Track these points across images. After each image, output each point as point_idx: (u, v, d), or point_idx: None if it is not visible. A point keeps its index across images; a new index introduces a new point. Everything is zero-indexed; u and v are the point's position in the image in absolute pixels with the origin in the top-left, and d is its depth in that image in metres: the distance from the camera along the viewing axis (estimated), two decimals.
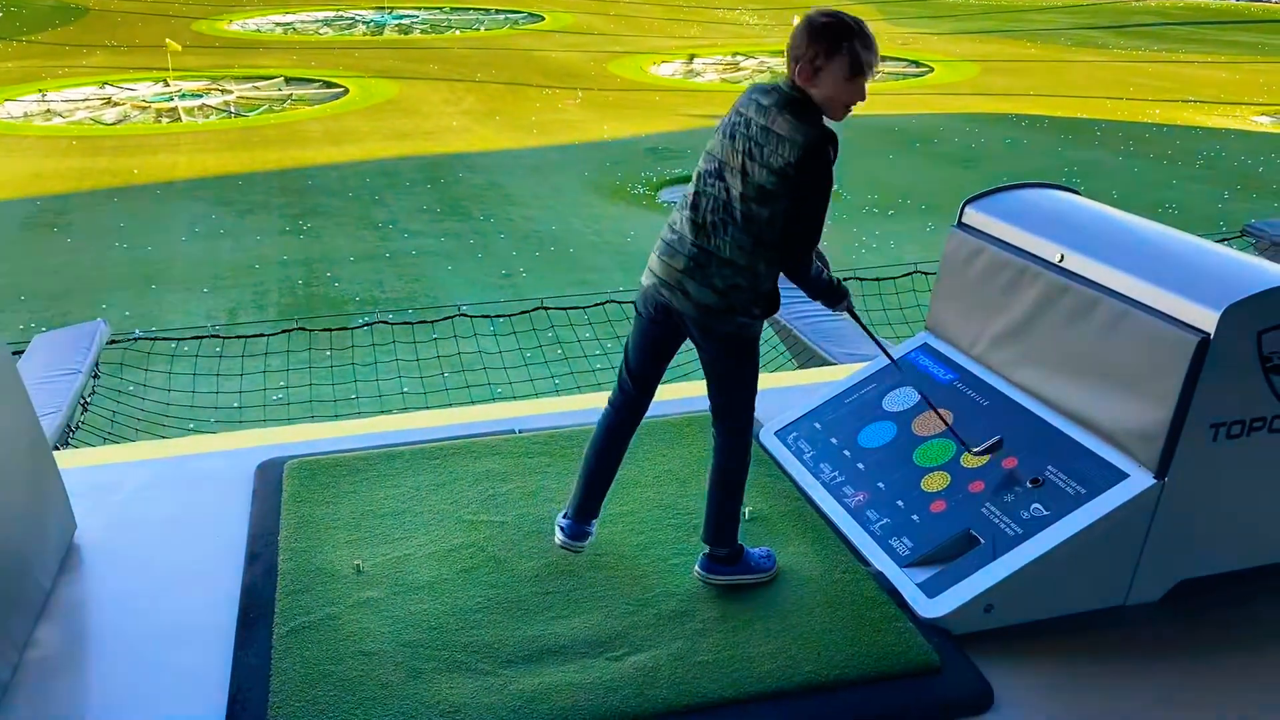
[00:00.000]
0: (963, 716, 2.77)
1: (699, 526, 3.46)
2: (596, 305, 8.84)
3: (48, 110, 21.59)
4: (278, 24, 34.59)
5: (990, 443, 3.42)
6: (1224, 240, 8.17)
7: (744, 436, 3.16)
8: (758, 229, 2.84)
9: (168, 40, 23.36)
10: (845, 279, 3.26)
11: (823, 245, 2.99)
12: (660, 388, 3.32)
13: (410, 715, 2.70)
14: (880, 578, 3.24)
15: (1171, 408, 2.95)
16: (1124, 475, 3.07)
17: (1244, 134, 20.25)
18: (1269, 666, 3.00)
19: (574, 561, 3.35)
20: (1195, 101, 23.10)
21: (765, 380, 3.28)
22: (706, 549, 3.24)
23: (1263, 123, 21.37)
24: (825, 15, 2.80)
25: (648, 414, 3.32)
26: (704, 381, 3.18)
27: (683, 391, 4.75)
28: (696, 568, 3.25)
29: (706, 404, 3.18)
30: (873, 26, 2.85)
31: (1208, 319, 2.89)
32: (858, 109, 2.90)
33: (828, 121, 2.85)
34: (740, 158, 2.84)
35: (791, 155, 2.75)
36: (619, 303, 8.81)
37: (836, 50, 2.77)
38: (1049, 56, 29.62)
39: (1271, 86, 24.97)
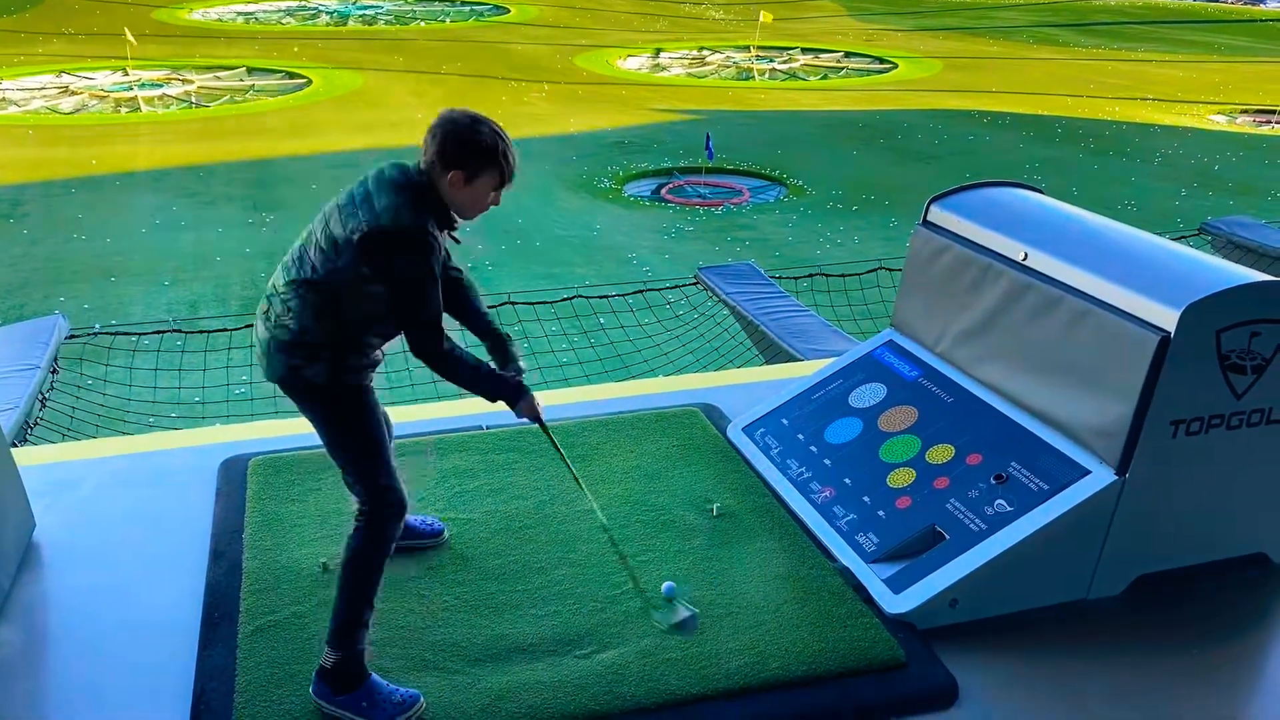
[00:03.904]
0: (928, 711, 2.80)
1: (668, 522, 3.47)
2: (564, 300, 8.82)
3: (2, 99, 21.20)
4: (240, 13, 34.19)
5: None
6: (1182, 238, 8.30)
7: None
8: None
9: (125, 30, 22.98)
10: (810, 275, 3.26)
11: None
12: (624, 384, 3.32)
13: None
14: (846, 573, 3.26)
15: (1133, 405, 2.99)
16: (1086, 471, 3.11)
17: (1201, 132, 20.56)
18: (1225, 658, 3.06)
19: (542, 559, 3.34)
20: (1153, 100, 23.42)
21: (733, 376, 3.28)
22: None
23: (1219, 121, 21.71)
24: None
25: (615, 411, 3.32)
26: (678, 378, 3.13)
27: (648, 388, 4.76)
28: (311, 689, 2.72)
29: (673, 401, 3.16)
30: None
31: (1168, 318, 2.93)
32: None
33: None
34: None
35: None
36: (586, 297, 8.80)
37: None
38: (1010, 53, 29.90)
39: (1227, 85, 25.37)
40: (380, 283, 2.60)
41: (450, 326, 2.79)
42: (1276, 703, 2.93)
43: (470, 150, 2.62)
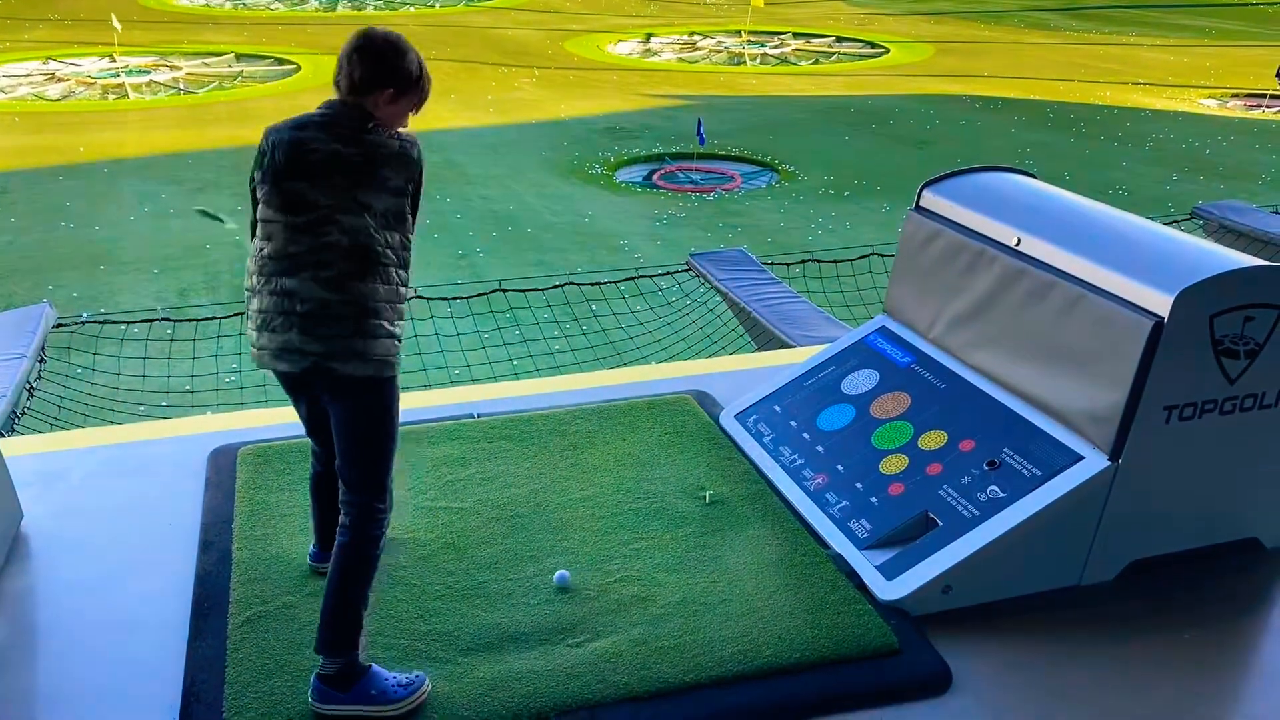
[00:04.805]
0: (921, 698, 2.80)
1: (660, 510, 3.46)
2: (555, 287, 8.80)
3: None
4: None
5: None
6: (1173, 222, 8.30)
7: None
8: None
9: (112, 16, 22.81)
10: (803, 261, 3.25)
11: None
12: (616, 372, 3.30)
13: None
14: (839, 560, 3.25)
15: (1126, 390, 2.99)
16: (1079, 457, 3.10)
17: (1191, 116, 20.57)
18: (1218, 642, 3.06)
19: (534, 548, 3.33)
20: (1144, 84, 23.41)
21: (726, 363, 3.27)
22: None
23: (1210, 106, 21.72)
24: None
25: (607, 398, 3.30)
26: (671, 365, 3.13)
27: (642, 375, 4.75)
28: (310, 694, 2.67)
29: (666, 388, 3.16)
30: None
31: (1162, 303, 2.92)
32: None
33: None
34: None
35: None
36: (578, 284, 8.77)
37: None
38: (1002, 38, 29.85)
39: (1218, 70, 25.37)
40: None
41: None
42: (1269, 686, 2.94)
43: (394, 70, 2.60)
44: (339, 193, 2.55)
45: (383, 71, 2.58)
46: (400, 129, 2.68)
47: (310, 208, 2.56)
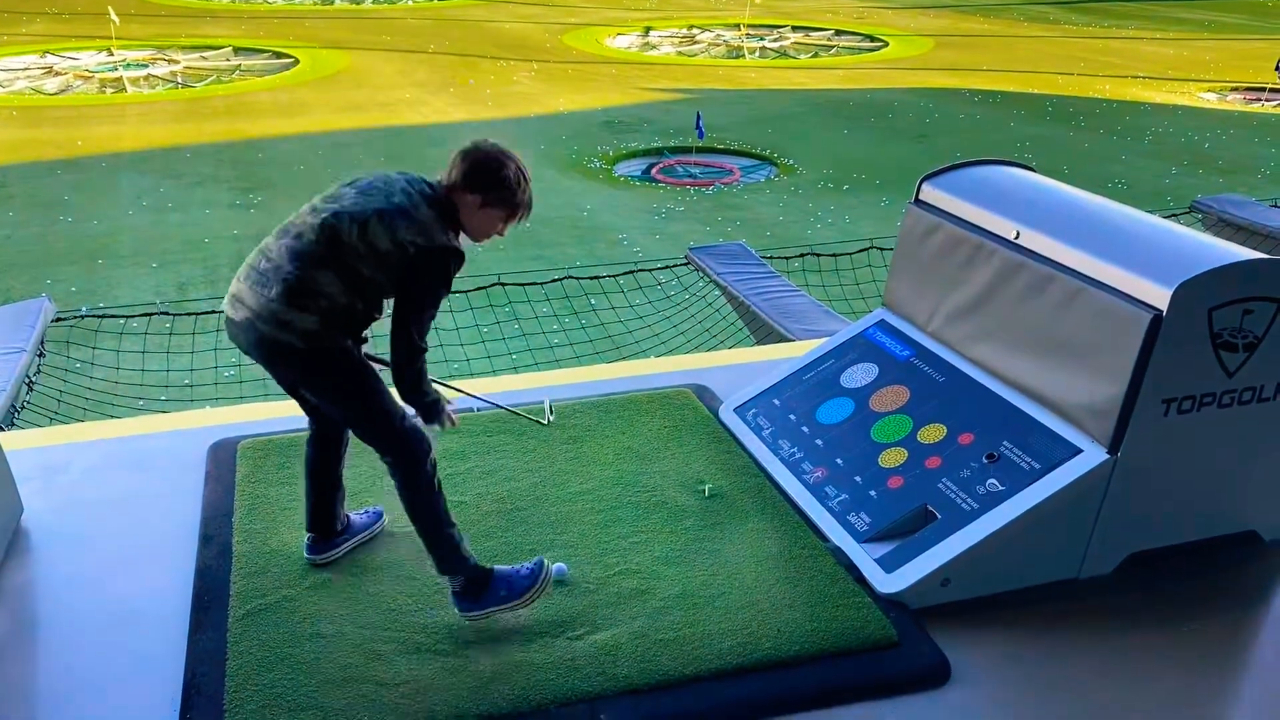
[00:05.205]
0: (920, 690, 2.80)
1: (659, 503, 3.47)
2: (554, 281, 8.80)
3: None
4: None
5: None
6: (1172, 216, 8.31)
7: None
8: None
9: (110, 9, 22.77)
10: (802, 255, 3.26)
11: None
12: (616, 365, 3.31)
13: (370, 697, 2.68)
14: (839, 553, 3.26)
15: (1125, 383, 2.99)
16: (1078, 450, 3.11)
17: (1191, 110, 20.56)
18: (1216, 635, 3.07)
19: (534, 541, 3.34)
20: (1144, 78, 23.40)
21: (725, 357, 3.28)
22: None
23: (1209, 99, 21.71)
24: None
25: (606, 392, 3.31)
26: (670, 359, 3.17)
27: (641, 369, 4.75)
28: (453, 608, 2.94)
29: (665, 382, 3.16)
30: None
31: (1160, 296, 2.92)
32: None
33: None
34: None
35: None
36: (577, 278, 8.78)
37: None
38: (1001, 31, 29.83)
39: (1218, 63, 25.35)
40: (405, 287, 2.73)
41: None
42: (1266, 679, 2.95)
43: (494, 179, 2.82)
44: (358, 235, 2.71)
45: (475, 177, 2.80)
46: (482, 239, 2.89)
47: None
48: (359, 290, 2.75)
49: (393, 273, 2.72)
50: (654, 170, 16.02)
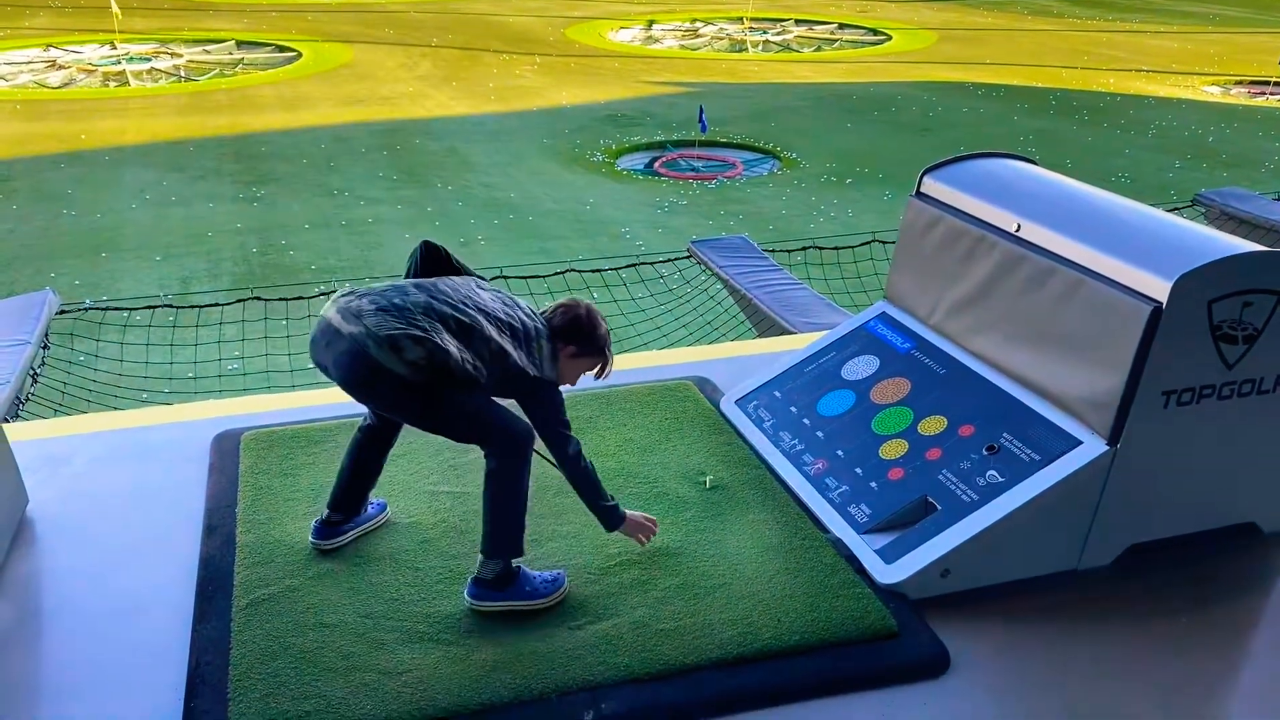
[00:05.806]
0: (920, 680, 2.82)
1: (661, 494, 3.48)
2: (557, 274, 8.81)
3: None
4: None
5: None
6: (1175, 209, 8.30)
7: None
8: None
9: (113, 3, 22.78)
10: (804, 248, 3.28)
11: None
12: (617, 358, 3.31)
13: (373, 686, 2.70)
14: (839, 544, 3.27)
15: (1124, 376, 3.00)
16: (1078, 442, 3.12)
17: (1195, 104, 20.52)
18: (1214, 626, 3.08)
19: (535, 531, 3.34)
20: (1148, 71, 23.35)
21: (726, 349, 3.29)
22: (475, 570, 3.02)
23: (1213, 93, 21.67)
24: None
25: (608, 384, 3.32)
26: (672, 351, 3.20)
27: (641, 361, 4.76)
28: (465, 593, 3.01)
29: (666, 374, 3.19)
30: None
31: (1160, 288, 2.93)
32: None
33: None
34: None
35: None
36: (579, 271, 8.79)
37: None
38: (1005, 25, 29.78)
39: (1223, 57, 25.30)
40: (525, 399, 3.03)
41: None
42: (1265, 670, 2.96)
43: (587, 337, 3.13)
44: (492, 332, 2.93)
45: (572, 331, 3.11)
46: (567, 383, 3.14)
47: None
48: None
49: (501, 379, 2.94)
50: (657, 164, 16.03)
